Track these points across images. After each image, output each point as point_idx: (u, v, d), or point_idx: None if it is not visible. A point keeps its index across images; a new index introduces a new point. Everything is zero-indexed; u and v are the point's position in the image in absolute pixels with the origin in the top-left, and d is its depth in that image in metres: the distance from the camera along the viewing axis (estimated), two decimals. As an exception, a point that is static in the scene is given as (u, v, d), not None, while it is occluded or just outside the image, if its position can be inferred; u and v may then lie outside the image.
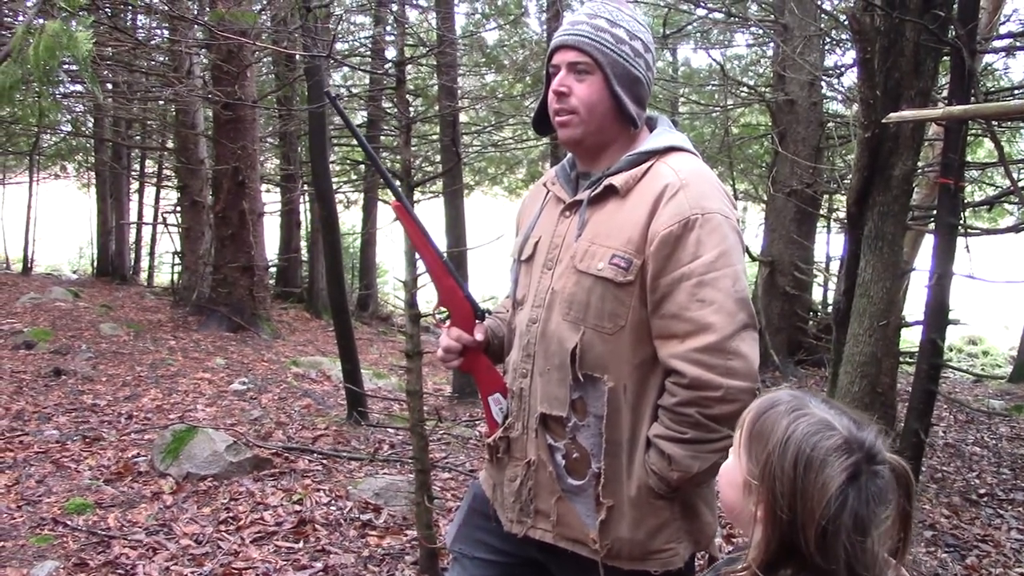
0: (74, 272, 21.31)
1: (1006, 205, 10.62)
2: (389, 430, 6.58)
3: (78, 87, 12.44)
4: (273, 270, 15.60)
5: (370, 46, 14.01)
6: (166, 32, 12.41)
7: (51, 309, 11.43)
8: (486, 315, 2.19)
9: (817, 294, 13.22)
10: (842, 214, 8.96)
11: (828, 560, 1.22)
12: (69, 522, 4.36)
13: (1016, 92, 8.87)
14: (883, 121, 3.79)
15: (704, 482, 1.86)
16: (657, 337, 1.82)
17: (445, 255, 2.14)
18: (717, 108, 13.12)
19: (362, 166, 13.94)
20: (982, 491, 5.96)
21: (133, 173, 19.18)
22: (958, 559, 4.69)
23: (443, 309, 2.15)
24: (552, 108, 1.97)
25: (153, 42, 12.55)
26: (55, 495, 4.74)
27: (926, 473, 6.06)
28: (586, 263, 1.86)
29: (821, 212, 11.81)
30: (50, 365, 7.82)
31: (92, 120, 16.94)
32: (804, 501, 1.23)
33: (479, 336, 2.12)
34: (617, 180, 1.88)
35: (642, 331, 1.83)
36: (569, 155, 2.09)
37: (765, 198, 11.91)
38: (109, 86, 13.32)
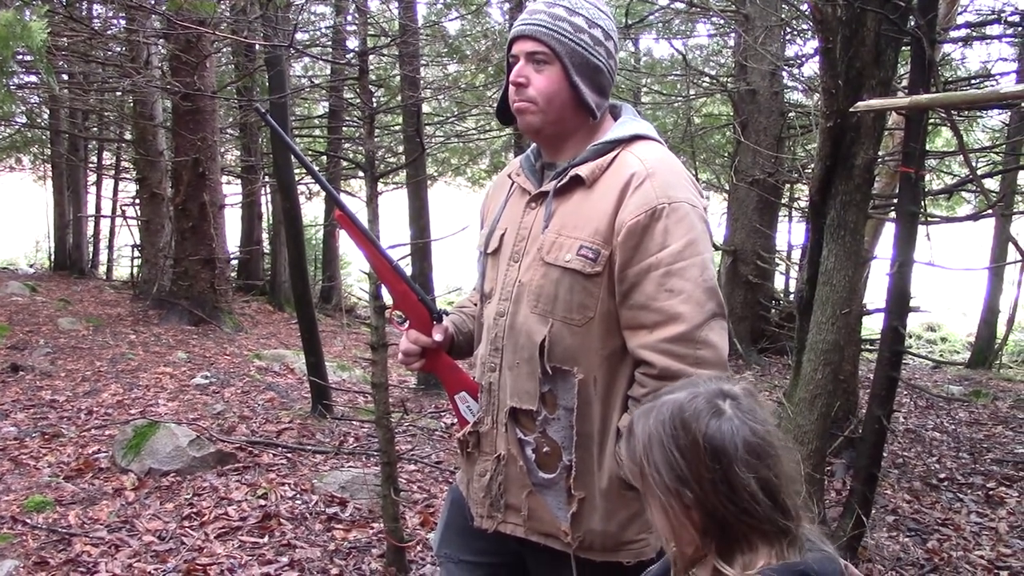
0: (31, 266, 20.95)
1: (964, 193, 10.77)
2: (354, 423, 6.54)
3: (33, 78, 12.24)
4: (235, 263, 15.44)
5: (332, 36, 13.90)
6: (123, 21, 12.20)
7: (7, 304, 11.24)
8: (446, 313, 2.17)
9: (779, 283, 13.34)
10: (804, 203, 9.03)
11: (748, 499, 1.23)
12: (28, 520, 4.29)
13: (973, 81, 9.00)
14: (851, 110, 3.81)
15: (675, 472, 1.85)
16: (626, 328, 1.81)
17: (395, 259, 2.11)
18: (679, 98, 13.17)
19: (324, 158, 13.84)
20: (942, 475, 6.06)
21: (90, 165, 18.86)
22: (919, 543, 4.76)
23: (399, 312, 2.13)
24: (511, 98, 1.95)
25: (110, 32, 12.35)
26: (14, 493, 4.66)
27: (888, 459, 6.13)
28: (553, 255, 1.85)
29: (783, 201, 11.91)
30: (7, 361, 7.68)
31: (48, 111, 16.65)
32: (695, 462, 1.25)
33: (438, 337, 2.09)
34: (583, 170, 1.87)
35: (611, 322, 1.83)
36: (533, 145, 2.07)
37: (727, 187, 11.97)
38: (65, 77, 13.08)
